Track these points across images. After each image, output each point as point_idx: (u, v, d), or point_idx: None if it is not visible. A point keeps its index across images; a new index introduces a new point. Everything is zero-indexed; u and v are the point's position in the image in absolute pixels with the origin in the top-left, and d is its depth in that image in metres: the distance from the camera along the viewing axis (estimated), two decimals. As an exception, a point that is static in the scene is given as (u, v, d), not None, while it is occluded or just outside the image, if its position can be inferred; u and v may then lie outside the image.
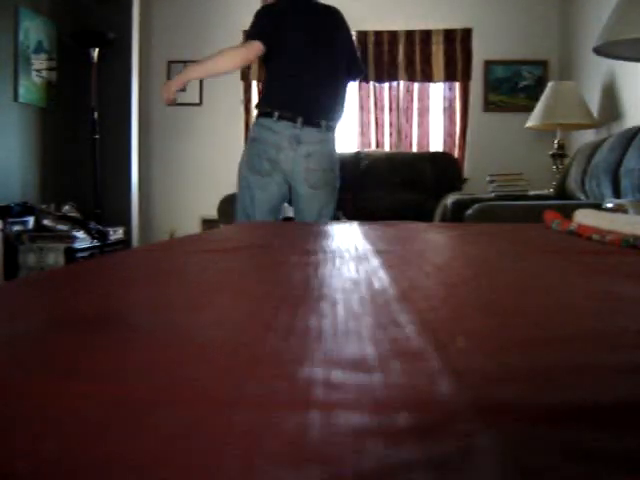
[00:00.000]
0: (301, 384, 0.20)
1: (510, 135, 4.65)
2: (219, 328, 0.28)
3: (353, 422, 0.17)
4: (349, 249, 0.71)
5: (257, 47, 2.38)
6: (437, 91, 4.76)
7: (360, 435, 0.16)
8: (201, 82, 4.87)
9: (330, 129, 2.49)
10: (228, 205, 3.46)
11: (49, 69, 4.24)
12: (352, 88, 4.15)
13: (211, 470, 0.14)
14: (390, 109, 4.74)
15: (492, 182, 3.26)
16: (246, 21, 4.69)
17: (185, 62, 4.82)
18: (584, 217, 0.90)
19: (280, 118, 2.37)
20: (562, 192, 3.34)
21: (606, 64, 3.55)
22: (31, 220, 3.63)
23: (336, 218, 2.47)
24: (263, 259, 0.58)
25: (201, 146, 4.89)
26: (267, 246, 0.71)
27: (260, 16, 2.48)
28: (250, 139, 2.49)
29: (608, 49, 2.42)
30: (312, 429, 0.17)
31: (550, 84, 3.90)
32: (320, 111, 2.45)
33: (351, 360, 0.23)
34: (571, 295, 0.38)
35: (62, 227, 3.67)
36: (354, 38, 2.81)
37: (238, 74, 4.75)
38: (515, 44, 4.68)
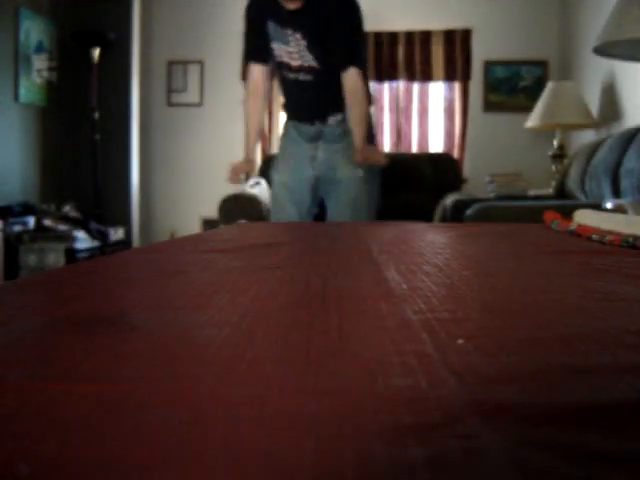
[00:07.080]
0: (301, 383, 0.20)
1: (510, 135, 4.66)
2: (219, 328, 0.28)
3: (353, 422, 0.17)
4: (349, 249, 0.71)
5: None
6: (437, 91, 4.76)
7: (360, 435, 0.16)
8: (201, 82, 4.86)
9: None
10: (228, 205, 3.46)
11: (49, 69, 4.24)
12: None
13: (212, 470, 0.14)
14: (390, 109, 4.74)
15: (492, 182, 3.26)
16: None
17: (185, 62, 4.83)
18: (584, 217, 0.90)
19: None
20: (562, 192, 3.34)
21: (606, 64, 3.54)
22: (31, 220, 3.63)
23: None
24: (263, 259, 0.58)
25: (201, 146, 4.89)
26: (267, 246, 0.71)
27: None
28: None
29: (608, 49, 2.42)
30: (312, 429, 0.17)
31: (550, 84, 3.90)
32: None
33: (351, 360, 0.23)
34: (571, 295, 0.38)
35: (62, 227, 3.68)
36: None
37: (238, 74, 4.75)
38: (515, 44, 4.68)
